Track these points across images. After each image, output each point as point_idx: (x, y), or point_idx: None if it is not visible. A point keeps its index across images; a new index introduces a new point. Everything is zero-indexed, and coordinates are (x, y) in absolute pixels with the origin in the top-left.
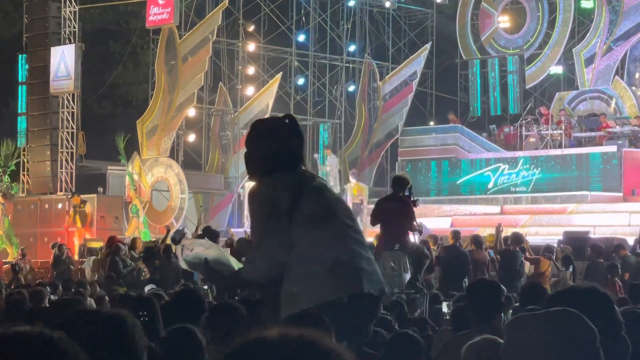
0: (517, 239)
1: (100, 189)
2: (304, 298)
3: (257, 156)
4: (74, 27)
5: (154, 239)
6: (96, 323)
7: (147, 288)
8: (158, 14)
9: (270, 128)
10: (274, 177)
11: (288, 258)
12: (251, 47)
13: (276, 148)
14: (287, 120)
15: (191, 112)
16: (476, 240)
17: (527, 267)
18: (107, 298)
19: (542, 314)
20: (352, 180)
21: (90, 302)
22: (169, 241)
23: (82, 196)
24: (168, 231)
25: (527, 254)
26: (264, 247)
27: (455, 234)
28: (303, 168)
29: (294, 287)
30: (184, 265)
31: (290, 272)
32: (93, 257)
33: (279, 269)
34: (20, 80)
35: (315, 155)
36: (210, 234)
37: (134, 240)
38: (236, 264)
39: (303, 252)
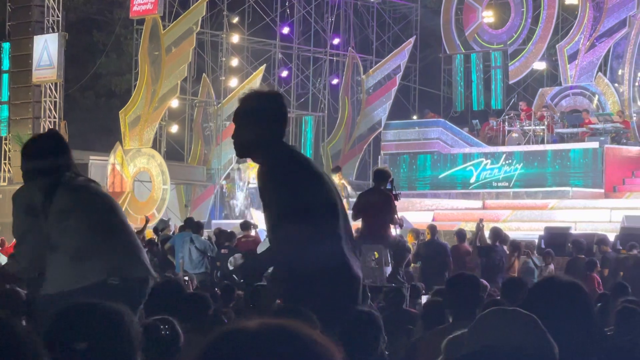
0: (497, 233)
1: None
2: (50, 285)
3: (24, 165)
4: (58, 16)
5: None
6: (94, 316)
7: None
8: (142, 4)
9: (40, 141)
10: (35, 181)
11: (46, 251)
12: (235, 38)
13: (39, 156)
14: (52, 135)
15: (174, 103)
16: (460, 234)
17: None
18: None
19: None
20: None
21: None
22: (149, 232)
23: None
24: (147, 222)
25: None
26: (24, 244)
27: (432, 228)
28: (71, 169)
29: (48, 276)
30: None
31: (47, 262)
32: None
33: (40, 261)
34: (3, 69)
35: None
36: (194, 226)
37: None
38: None
39: (54, 243)
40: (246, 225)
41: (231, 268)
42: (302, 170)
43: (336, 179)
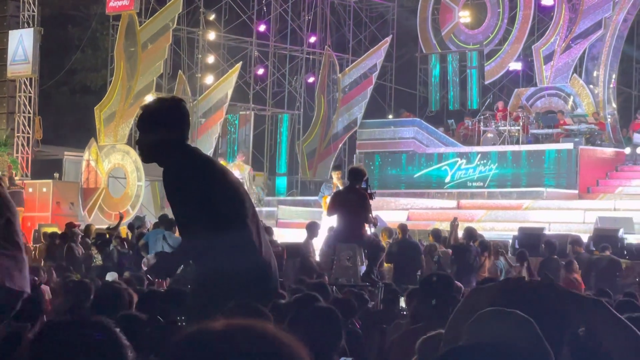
0: (470, 233)
1: (57, 175)
2: None
3: None
4: (33, 11)
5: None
6: (82, 334)
7: (108, 276)
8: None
9: None
10: None
11: None
12: (211, 35)
13: None
14: None
15: (150, 99)
16: (436, 233)
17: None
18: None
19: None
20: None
21: (46, 289)
22: (122, 229)
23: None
24: (121, 218)
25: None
26: None
27: (403, 228)
28: None
29: None
30: None
31: None
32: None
33: None
34: None
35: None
36: (167, 223)
37: (87, 227)
38: None
39: None
40: None
41: (145, 269)
42: (204, 170)
43: (335, 176)
